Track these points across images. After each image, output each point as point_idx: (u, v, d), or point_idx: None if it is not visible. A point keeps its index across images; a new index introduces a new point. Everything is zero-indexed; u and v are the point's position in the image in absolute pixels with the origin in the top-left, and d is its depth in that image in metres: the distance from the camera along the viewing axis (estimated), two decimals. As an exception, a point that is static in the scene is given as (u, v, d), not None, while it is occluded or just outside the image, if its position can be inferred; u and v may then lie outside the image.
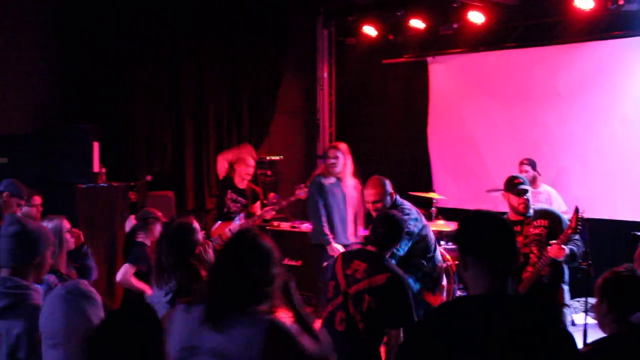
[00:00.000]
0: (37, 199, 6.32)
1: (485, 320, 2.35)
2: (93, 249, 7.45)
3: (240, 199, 8.23)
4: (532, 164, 8.32)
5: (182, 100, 9.68)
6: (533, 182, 8.11)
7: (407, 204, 5.74)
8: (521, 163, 8.33)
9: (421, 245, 5.66)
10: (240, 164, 8.31)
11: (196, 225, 4.48)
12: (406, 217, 5.41)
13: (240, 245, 2.82)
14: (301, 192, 7.95)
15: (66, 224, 4.90)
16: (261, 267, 2.75)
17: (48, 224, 4.56)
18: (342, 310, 4.51)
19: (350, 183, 7.53)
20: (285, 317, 2.77)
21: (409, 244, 5.49)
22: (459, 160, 10.24)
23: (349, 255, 4.76)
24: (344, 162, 7.43)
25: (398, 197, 5.77)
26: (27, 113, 8.21)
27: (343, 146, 7.56)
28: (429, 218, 8.62)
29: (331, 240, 7.24)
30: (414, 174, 10.75)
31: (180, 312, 2.78)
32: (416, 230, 5.60)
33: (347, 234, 7.46)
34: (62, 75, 8.49)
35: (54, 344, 2.71)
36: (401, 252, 5.36)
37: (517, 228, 5.60)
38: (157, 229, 5.92)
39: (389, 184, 5.70)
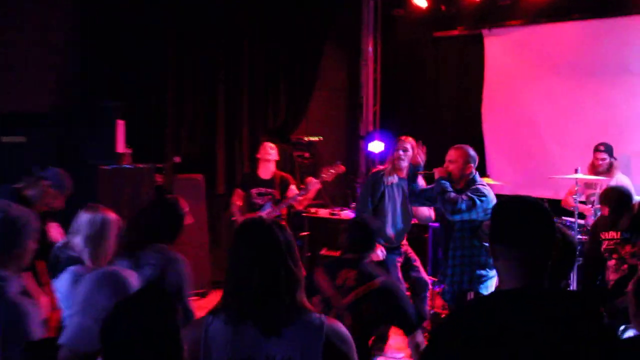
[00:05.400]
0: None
1: (517, 317, 2.31)
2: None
3: (267, 190, 8.21)
4: (609, 150, 8.11)
5: (214, 76, 9.70)
6: (609, 170, 7.96)
7: (486, 187, 5.88)
8: (596, 149, 8.12)
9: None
10: (260, 150, 8.34)
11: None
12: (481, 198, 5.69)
13: (263, 237, 2.83)
14: (327, 174, 7.92)
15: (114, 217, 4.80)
16: (291, 257, 2.83)
17: (97, 215, 4.57)
18: None
19: None
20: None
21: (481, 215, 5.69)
22: (516, 143, 10.16)
23: (331, 266, 4.81)
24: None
25: (478, 176, 5.95)
26: (45, 89, 8.22)
27: (412, 141, 7.18)
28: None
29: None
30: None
31: (221, 324, 2.78)
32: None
33: (398, 243, 7.14)
34: (84, 48, 8.50)
35: (74, 312, 2.83)
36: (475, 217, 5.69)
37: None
38: None
39: (474, 156, 5.95)
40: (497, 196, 8.64)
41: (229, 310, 2.76)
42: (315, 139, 10.66)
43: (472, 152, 5.99)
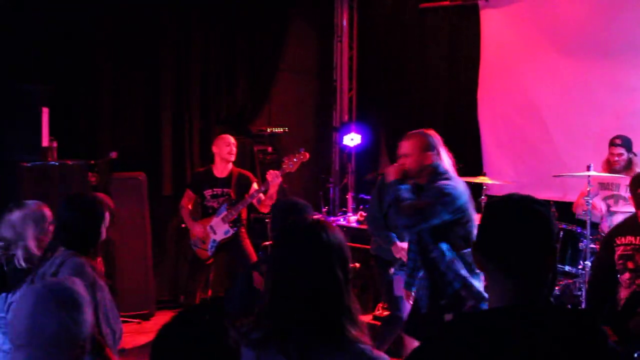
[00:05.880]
0: None
1: (506, 341, 2.29)
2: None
3: (223, 190, 8.26)
4: (627, 144, 8.12)
5: (159, 56, 9.65)
6: (628, 167, 7.98)
7: (450, 181, 5.57)
8: (612, 143, 8.12)
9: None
10: (219, 144, 8.34)
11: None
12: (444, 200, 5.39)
13: (311, 241, 2.81)
14: (290, 164, 7.96)
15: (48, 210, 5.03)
16: (344, 269, 2.80)
17: (28, 210, 4.81)
18: None
19: None
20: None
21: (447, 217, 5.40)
22: (518, 135, 10.13)
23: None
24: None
25: (442, 165, 5.67)
26: None
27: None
28: (478, 210, 8.50)
29: (394, 238, 6.94)
30: (459, 151, 10.41)
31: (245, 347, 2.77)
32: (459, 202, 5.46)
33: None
34: (2, 21, 8.31)
35: (19, 345, 2.77)
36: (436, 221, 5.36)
37: None
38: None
39: (432, 142, 5.68)
40: (494, 198, 8.69)
41: (255, 331, 2.77)
42: (280, 130, 10.62)
43: (430, 137, 5.75)
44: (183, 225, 8.37)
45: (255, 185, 8.26)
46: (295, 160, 8.01)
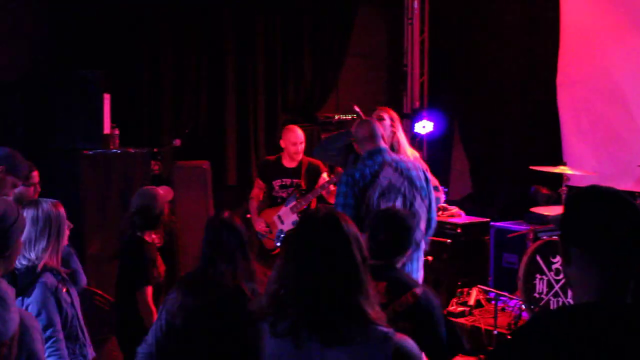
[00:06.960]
0: (35, 176, 6.29)
1: (595, 342, 2.25)
2: (102, 238, 7.54)
3: (293, 180, 8.23)
4: None
5: (222, 41, 9.71)
6: None
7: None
8: None
9: None
10: (285, 140, 8.30)
11: None
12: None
13: (324, 228, 3.07)
14: None
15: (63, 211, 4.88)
16: (362, 254, 3.07)
17: (39, 210, 4.67)
18: None
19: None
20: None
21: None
22: (601, 123, 9.92)
23: None
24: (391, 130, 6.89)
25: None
26: (12, 56, 8.17)
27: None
28: (558, 201, 8.36)
29: None
30: (538, 140, 10.54)
31: (275, 338, 3.05)
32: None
33: None
34: (61, 7, 8.44)
35: None
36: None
37: None
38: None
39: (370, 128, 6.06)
40: (575, 189, 8.59)
41: (282, 319, 3.00)
42: (349, 117, 10.54)
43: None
44: (248, 216, 8.36)
45: (324, 175, 8.21)
46: None
